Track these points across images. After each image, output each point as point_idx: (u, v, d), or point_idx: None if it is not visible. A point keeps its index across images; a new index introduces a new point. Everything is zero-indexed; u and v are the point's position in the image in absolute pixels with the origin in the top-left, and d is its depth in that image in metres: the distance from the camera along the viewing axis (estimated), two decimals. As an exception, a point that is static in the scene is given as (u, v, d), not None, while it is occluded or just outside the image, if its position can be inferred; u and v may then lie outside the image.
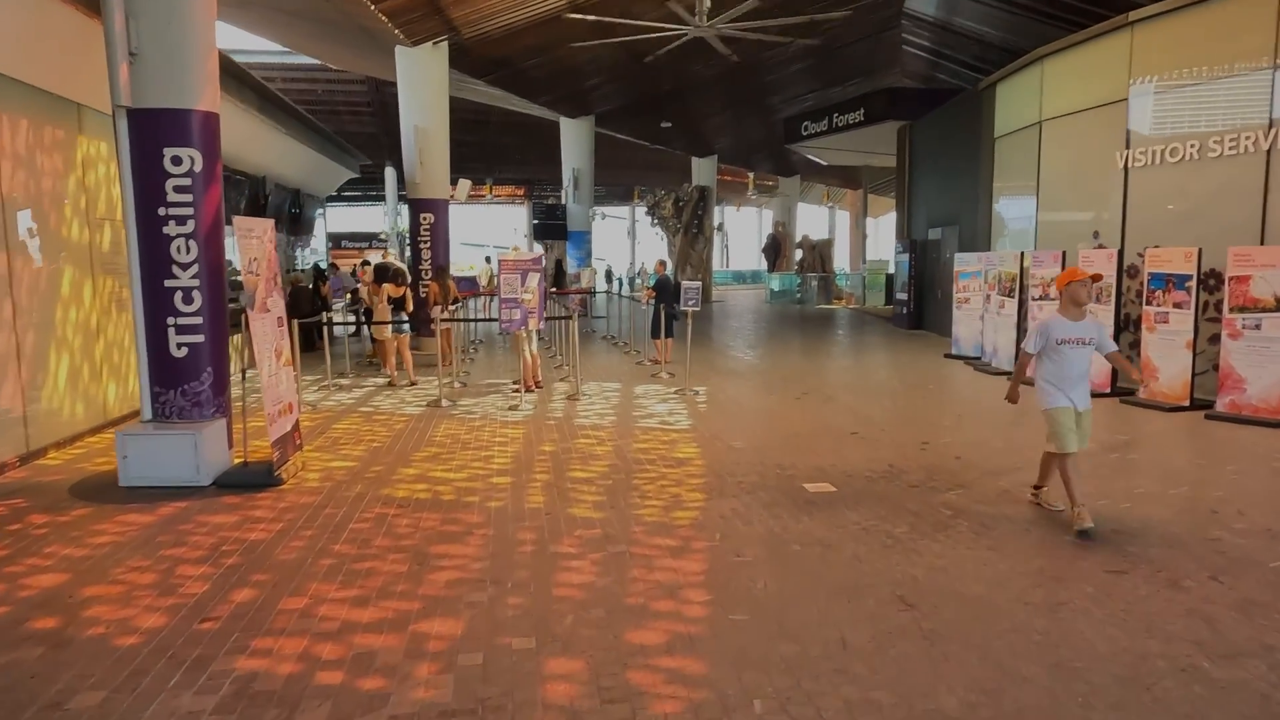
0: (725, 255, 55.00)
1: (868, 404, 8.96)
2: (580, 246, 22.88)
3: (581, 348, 14.97)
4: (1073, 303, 4.87)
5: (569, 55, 16.75)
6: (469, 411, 8.75)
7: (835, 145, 22.32)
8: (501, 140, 32.32)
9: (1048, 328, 4.89)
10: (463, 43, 14.49)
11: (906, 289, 17.95)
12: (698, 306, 10.04)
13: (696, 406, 8.90)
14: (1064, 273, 5.06)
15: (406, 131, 14.17)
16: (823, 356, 13.34)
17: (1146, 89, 9.25)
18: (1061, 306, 4.93)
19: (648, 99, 22.62)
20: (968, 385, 10.31)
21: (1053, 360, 4.87)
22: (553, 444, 7.15)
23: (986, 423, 8.05)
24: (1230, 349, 7.86)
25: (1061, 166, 10.86)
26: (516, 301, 8.78)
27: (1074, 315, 4.87)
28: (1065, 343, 4.82)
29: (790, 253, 34.14)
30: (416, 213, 14.29)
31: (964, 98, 15.66)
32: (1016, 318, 10.90)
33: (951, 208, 15.85)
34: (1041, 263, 10.19)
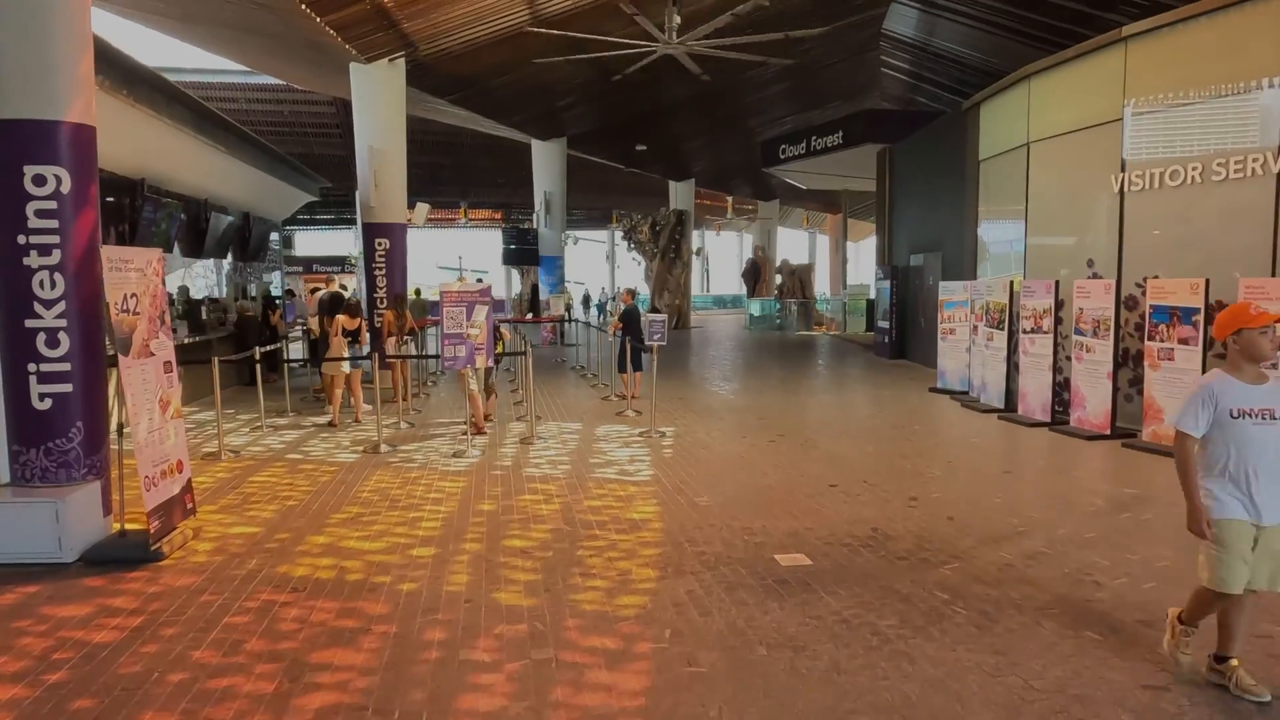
0: (706, 280, 54.62)
1: (849, 448, 8.19)
2: (553, 272, 22.12)
3: (548, 380, 14.19)
4: (1248, 358, 3.27)
5: (536, 74, 16.09)
6: (409, 459, 7.89)
7: (814, 169, 21.78)
8: (476, 163, 31.66)
9: (1214, 393, 3.26)
10: (422, 60, 13.77)
11: (888, 317, 17.29)
12: (663, 341, 9.26)
13: (661, 452, 8.09)
14: (1227, 312, 3.41)
15: (361, 152, 13.37)
16: (801, 391, 12.59)
17: (1143, 108, 8.63)
18: (1230, 363, 3.33)
19: (622, 121, 22.03)
20: (956, 425, 9.57)
21: (1222, 442, 3.25)
22: (493, 501, 6.31)
23: (980, 472, 7.28)
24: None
25: (1051, 190, 10.23)
26: (461, 337, 7.95)
27: (1251, 376, 3.27)
28: (1246, 415, 3.21)
29: (770, 277, 33.57)
30: (371, 238, 13.45)
31: (946, 119, 15.11)
32: (1006, 350, 10.19)
33: (934, 233, 15.24)
34: (1033, 293, 9.51)
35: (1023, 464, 7.53)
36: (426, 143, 29.77)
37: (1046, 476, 7.07)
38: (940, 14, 15.31)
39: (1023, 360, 9.69)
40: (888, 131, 18.11)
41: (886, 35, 18.14)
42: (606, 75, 16.98)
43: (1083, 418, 8.75)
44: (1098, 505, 6.06)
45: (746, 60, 13.34)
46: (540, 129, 21.06)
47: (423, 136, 29.21)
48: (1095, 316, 8.55)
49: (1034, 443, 8.50)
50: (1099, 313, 8.51)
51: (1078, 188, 9.75)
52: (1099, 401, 8.52)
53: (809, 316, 28.30)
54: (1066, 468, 7.40)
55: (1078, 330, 8.83)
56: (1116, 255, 9.01)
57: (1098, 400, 8.53)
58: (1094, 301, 8.57)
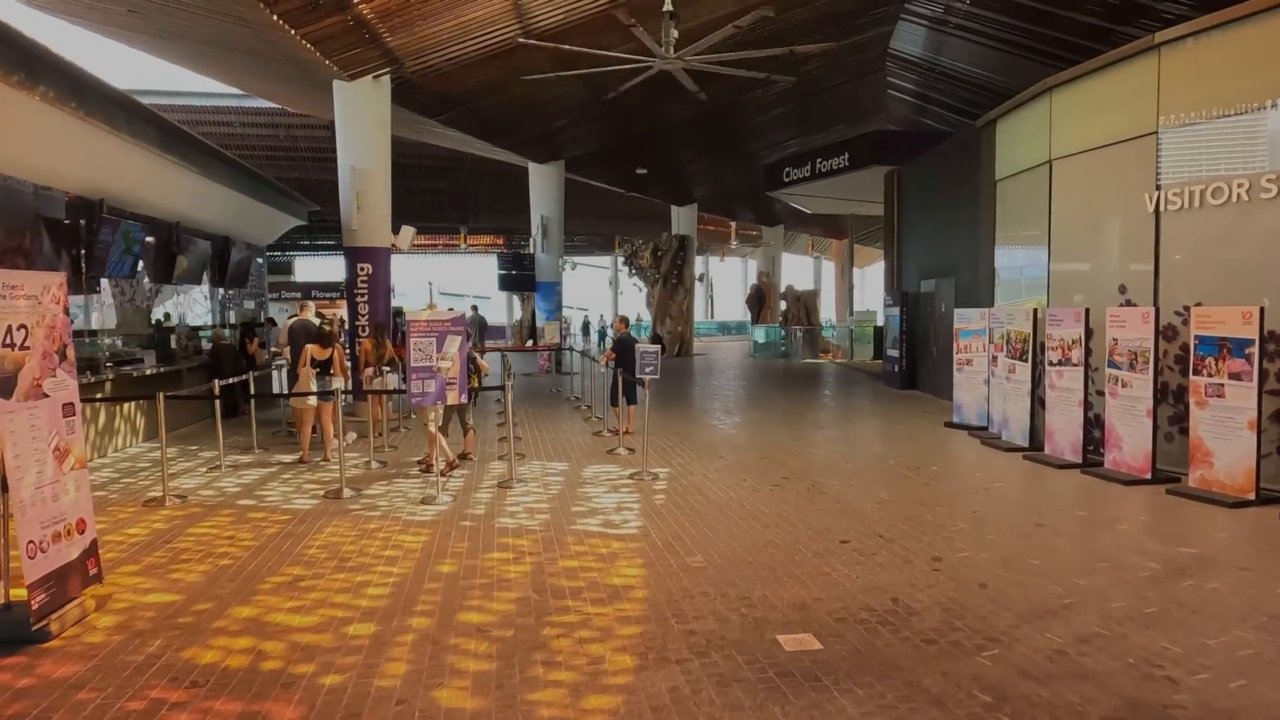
0: (710, 306, 54.06)
1: (860, 494, 7.38)
2: (550, 298, 21.43)
3: (540, 413, 13.38)
4: None
5: (530, 94, 15.48)
6: (371, 506, 7.10)
7: (819, 192, 21.12)
8: (476, 188, 31.13)
9: None
10: (408, 77, 13.16)
11: (898, 345, 16.50)
12: (656, 375, 8.49)
13: (653, 498, 7.29)
14: None
15: (343, 173, 12.74)
16: (807, 425, 11.78)
17: (1180, 121, 7.90)
18: None
19: (621, 144, 21.43)
20: (977, 466, 8.75)
21: None
22: (455, 561, 5.51)
23: (1010, 524, 6.46)
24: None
25: (1077, 211, 9.49)
26: (431, 370, 7.19)
27: None
28: None
29: (774, 304, 32.86)
30: (353, 263, 12.77)
31: (958, 138, 14.43)
32: (1030, 384, 9.39)
33: (946, 258, 14.50)
34: (1060, 321, 8.73)
35: (1058, 515, 6.71)
36: (425, 168, 29.26)
37: (1087, 531, 6.24)
38: (948, 31, 14.71)
39: (1049, 395, 8.89)
40: (896, 153, 17.45)
41: (893, 55, 17.57)
42: (603, 95, 16.38)
43: (1119, 459, 7.93)
44: (1152, 569, 5.24)
45: (747, 77, 12.68)
46: (537, 151, 20.45)
47: (420, 161, 28.73)
48: (1132, 348, 7.76)
49: (1066, 488, 7.67)
50: (1136, 344, 7.72)
51: (1107, 207, 9.01)
52: (1138, 441, 7.70)
53: (814, 344, 27.53)
54: (1108, 519, 6.57)
55: (1112, 363, 8.04)
56: (1152, 281, 8.24)
57: (1136, 440, 7.71)
58: (1130, 331, 7.78)
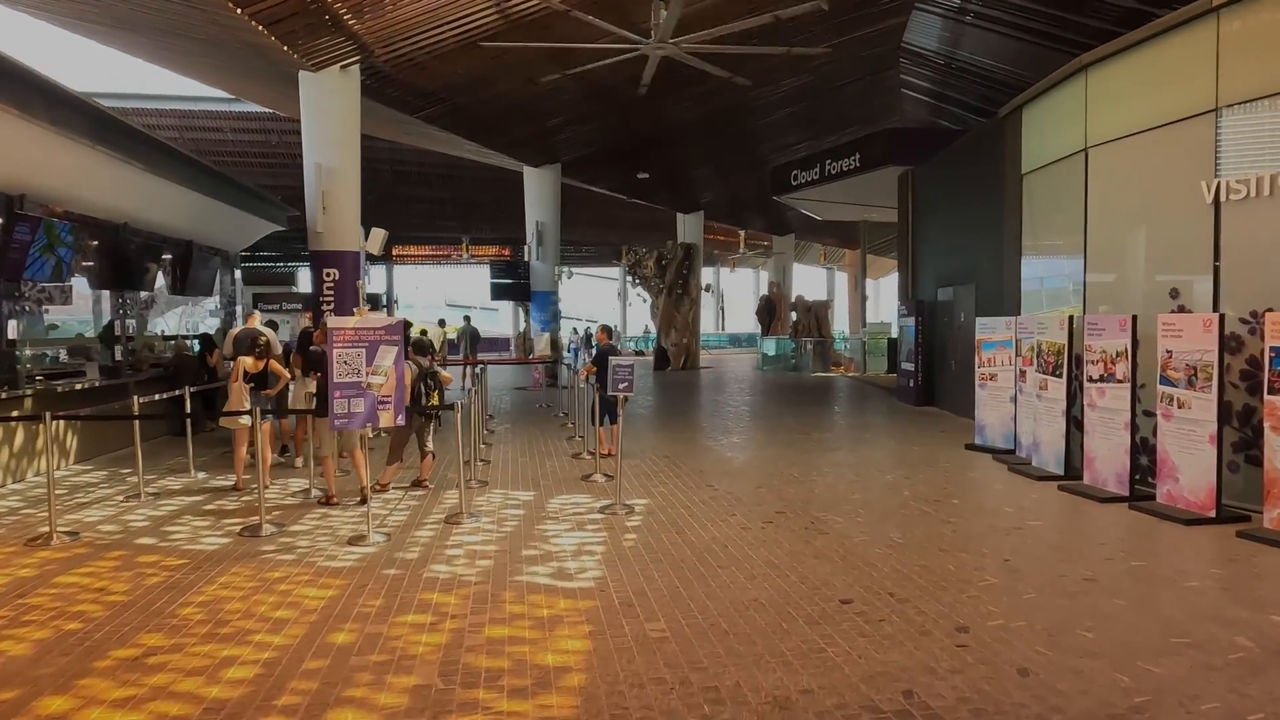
0: (721, 318, 53.00)
1: (868, 535, 6.22)
2: (545, 308, 20.39)
3: (523, 430, 12.04)
4: None
5: (519, 89, 14.48)
6: (289, 547, 6.02)
7: (828, 196, 19.99)
8: (477, 196, 30.16)
9: None
10: (380, 68, 12.19)
11: (913, 358, 15.31)
12: (630, 391, 7.38)
13: (621, 538, 6.17)
14: None
15: (308, 170, 11.76)
16: (812, 448, 10.62)
17: (1247, 95, 6.74)
18: None
19: (620, 146, 20.40)
20: (1006, 498, 7.56)
21: None
22: (357, 627, 4.41)
23: (1052, 578, 5.27)
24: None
25: (1119, 205, 8.33)
26: (359, 388, 6.11)
27: None
28: None
29: (785, 315, 31.69)
30: (319, 268, 11.77)
31: (979, 131, 13.30)
32: (1066, 403, 8.20)
33: (966, 263, 13.33)
34: (1101, 331, 7.56)
35: (1109, 565, 5.53)
36: (425, 175, 28.38)
37: (1149, 589, 5.06)
38: (966, 21, 13.60)
39: (1089, 416, 7.70)
40: (909, 152, 16.31)
41: (907, 49, 16.47)
42: (598, 92, 15.37)
43: (1175, 493, 6.73)
44: (1245, 648, 4.06)
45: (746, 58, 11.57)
46: (531, 154, 19.45)
47: (420, 169, 27.85)
48: (1190, 361, 6.58)
49: (1114, 528, 6.48)
50: (1196, 357, 6.54)
51: (1155, 199, 7.84)
52: (1199, 473, 6.51)
53: (826, 356, 26.33)
54: (1173, 572, 5.38)
55: (1164, 380, 6.85)
56: (1211, 282, 7.06)
57: (1197, 471, 6.52)
58: (1188, 342, 6.60)
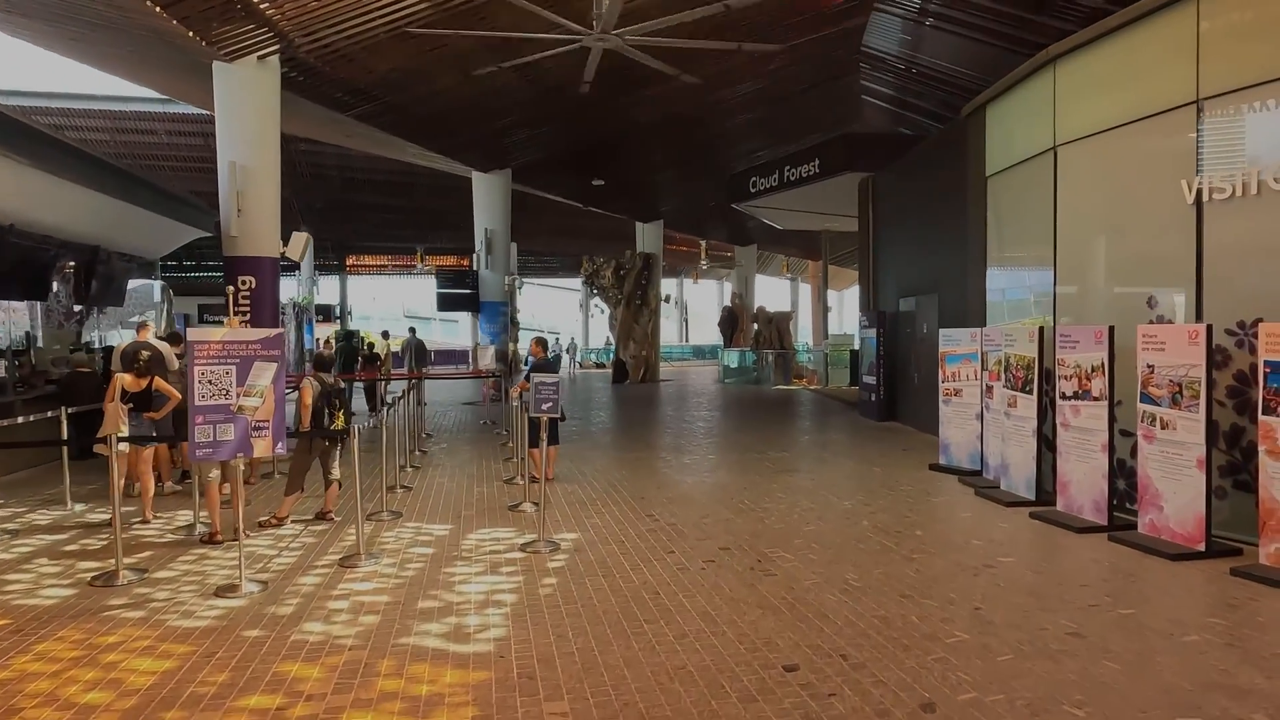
0: (685, 329, 52.51)
1: (822, 576, 5.46)
2: (495, 319, 19.49)
3: (459, 451, 11.00)
4: None
5: (458, 86, 13.65)
6: (145, 599, 5.09)
7: (789, 205, 19.40)
8: (431, 204, 29.12)
9: None
10: (302, 59, 11.28)
11: (875, 371, 14.69)
12: (555, 412, 6.56)
13: (539, 584, 5.34)
14: None
15: (222, 169, 10.82)
16: (768, 469, 9.87)
17: (1231, 85, 6.16)
18: None
19: (574, 152, 19.64)
20: (975, 528, 6.86)
21: None
22: (181, 716, 3.53)
23: (1032, 630, 4.54)
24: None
25: (1091, 206, 7.73)
26: (228, 412, 5.21)
27: None
28: None
29: (747, 327, 31.11)
30: (233, 275, 10.81)
31: (941, 135, 12.75)
32: (1036, 422, 7.54)
33: (928, 271, 12.74)
34: (1075, 344, 6.91)
35: (1095, 613, 4.82)
36: (376, 182, 27.32)
37: (1144, 646, 4.35)
38: (926, 22, 13.08)
39: (1061, 436, 7.05)
40: (870, 158, 15.76)
41: (867, 53, 15.95)
42: (547, 93, 14.61)
43: (1159, 522, 6.07)
44: None
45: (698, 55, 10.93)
46: (478, 158, 18.61)
47: (371, 176, 26.80)
48: (1174, 378, 5.94)
49: (1095, 565, 5.78)
50: (1179, 372, 5.90)
51: (1130, 200, 7.24)
52: (1185, 501, 5.86)
53: (788, 369, 25.72)
54: (1169, 622, 4.67)
55: (1145, 397, 6.21)
56: (1194, 289, 6.45)
57: (1183, 499, 5.87)
58: (1171, 356, 5.97)
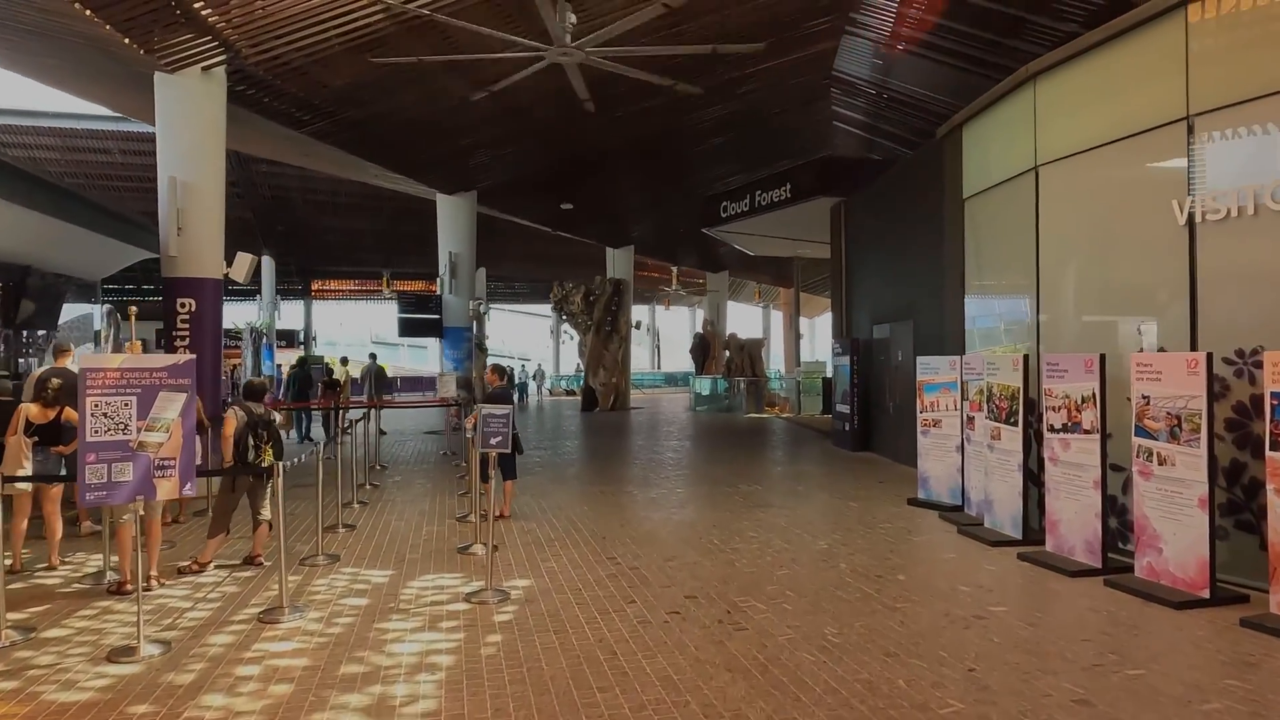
0: (657, 356, 52.22)
1: (798, 630, 4.93)
2: (459, 345, 18.88)
3: (413, 484, 10.09)
4: None
5: (418, 104, 13.16)
6: (26, 665, 4.43)
7: (760, 230, 19.10)
8: (398, 228, 28.52)
9: None
10: (251, 72, 10.72)
11: (848, 400, 14.28)
12: (505, 447, 6.01)
13: (482, 642, 4.75)
14: None
15: (162, 185, 10.18)
16: (740, 504, 9.35)
17: (1224, 100, 5.84)
18: None
19: (542, 175, 19.21)
20: (961, 570, 6.38)
21: None
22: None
23: (1034, 701, 4.03)
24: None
25: (1075, 228, 7.38)
26: (126, 448, 4.60)
27: None
28: None
29: (719, 354, 30.74)
30: (172, 298, 10.13)
31: (915, 158, 12.46)
32: (1022, 455, 7.11)
33: (903, 297, 12.39)
34: (1063, 373, 6.50)
35: (1102, 677, 4.33)
36: (341, 205, 26.72)
37: (1162, 713, 3.86)
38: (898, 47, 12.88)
39: (1050, 471, 6.61)
40: (842, 182, 15.48)
41: (838, 77, 15.76)
42: (512, 112, 14.17)
43: (1158, 566, 5.63)
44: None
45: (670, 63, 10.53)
46: (442, 179, 18.09)
47: (333, 198, 26.19)
48: (1173, 410, 5.53)
49: (1094, 615, 5.31)
50: (1178, 404, 5.49)
51: (1117, 222, 6.89)
52: (1187, 544, 5.42)
53: (760, 397, 25.31)
54: (1183, 688, 4.19)
55: (1141, 430, 5.80)
56: (1188, 316, 6.08)
57: (1184, 542, 5.44)
58: (1169, 386, 5.57)
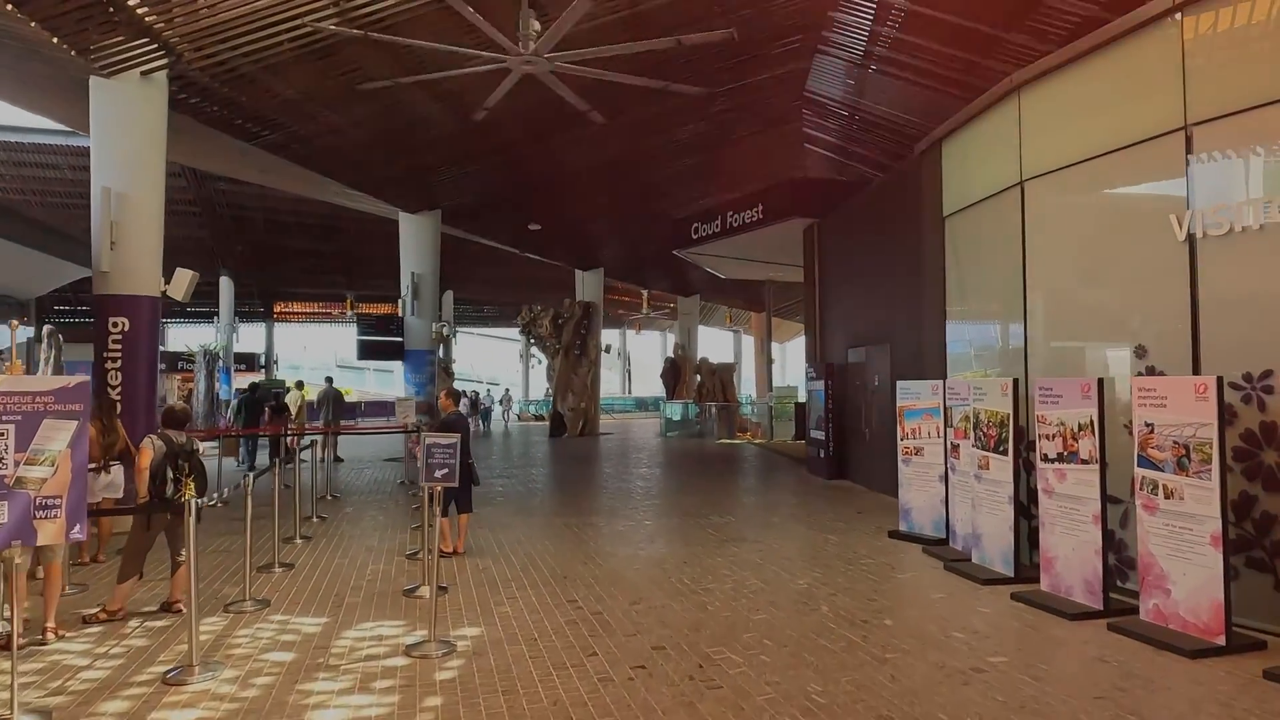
0: (628, 381, 51.80)
1: (777, 690, 4.38)
2: (421, 369, 18.18)
3: (364, 515, 9.20)
4: None
5: (378, 116, 12.61)
6: None
7: (731, 252, 18.71)
8: (362, 249, 27.76)
9: None
10: (197, 79, 10.13)
11: (823, 425, 13.83)
12: (453, 481, 5.42)
13: (418, 707, 4.13)
14: None
15: (95, 196, 9.52)
16: (712, 538, 8.80)
17: (1221, 110, 5.49)
18: None
19: (508, 194, 18.71)
20: (951, 614, 5.87)
21: None
22: None
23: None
24: None
25: (1064, 244, 7.01)
26: (1, 485, 3.95)
27: None
28: None
29: (690, 378, 30.30)
30: (104, 316, 9.42)
31: (893, 173, 12.14)
32: (1012, 486, 6.66)
33: (880, 320, 12.00)
34: (1057, 399, 6.07)
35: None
36: (304, 225, 25.93)
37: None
38: (870, 67, 12.63)
39: (1044, 504, 6.16)
40: (815, 203, 15.15)
41: (811, 97, 15.52)
42: (478, 128, 13.67)
43: (1166, 610, 5.17)
44: None
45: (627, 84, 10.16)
46: (405, 197, 17.49)
47: (296, 218, 25.40)
48: (1179, 439, 5.10)
49: (1102, 665, 4.82)
50: (1186, 432, 5.07)
51: (1110, 238, 6.52)
52: (1199, 585, 4.97)
53: (731, 422, 24.85)
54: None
55: (1144, 460, 5.37)
56: (1189, 336, 5.68)
57: (1196, 583, 4.98)
58: (1175, 413, 5.14)
